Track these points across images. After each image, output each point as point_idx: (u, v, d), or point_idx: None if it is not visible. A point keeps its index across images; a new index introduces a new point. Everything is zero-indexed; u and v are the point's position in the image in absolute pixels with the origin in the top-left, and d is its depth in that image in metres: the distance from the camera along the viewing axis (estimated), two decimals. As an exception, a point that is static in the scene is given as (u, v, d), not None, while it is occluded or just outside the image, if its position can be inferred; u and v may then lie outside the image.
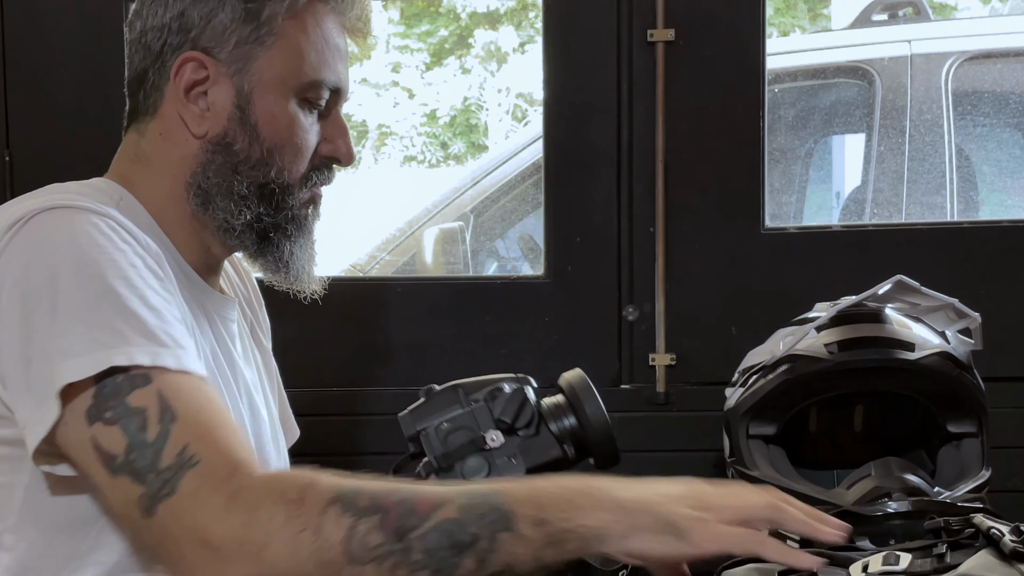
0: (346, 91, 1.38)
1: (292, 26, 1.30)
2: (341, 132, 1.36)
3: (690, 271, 1.95)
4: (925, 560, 1.21)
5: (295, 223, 1.35)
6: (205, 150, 1.32)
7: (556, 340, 1.98)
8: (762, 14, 1.93)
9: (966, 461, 1.58)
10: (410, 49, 5.18)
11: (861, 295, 1.57)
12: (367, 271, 3.09)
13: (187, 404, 1.11)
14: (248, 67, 1.30)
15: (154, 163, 1.34)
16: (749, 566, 1.32)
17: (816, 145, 3.26)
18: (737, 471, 1.62)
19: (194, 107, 1.31)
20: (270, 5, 1.30)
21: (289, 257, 1.35)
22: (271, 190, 1.32)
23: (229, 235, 1.33)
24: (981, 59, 3.06)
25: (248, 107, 1.30)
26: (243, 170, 1.31)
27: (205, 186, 1.32)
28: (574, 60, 1.96)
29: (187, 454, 1.08)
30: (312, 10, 1.32)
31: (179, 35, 1.31)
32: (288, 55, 1.30)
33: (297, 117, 1.32)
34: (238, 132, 1.31)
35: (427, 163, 5.20)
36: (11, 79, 1.96)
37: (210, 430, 1.10)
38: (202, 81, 1.30)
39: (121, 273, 1.16)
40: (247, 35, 1.29)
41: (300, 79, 1.31)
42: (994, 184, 3.21)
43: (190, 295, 1.34)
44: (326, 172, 1.37)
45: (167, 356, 1.13)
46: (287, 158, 1.32)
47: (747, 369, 1.67)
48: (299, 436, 1.61)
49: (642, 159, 1.94)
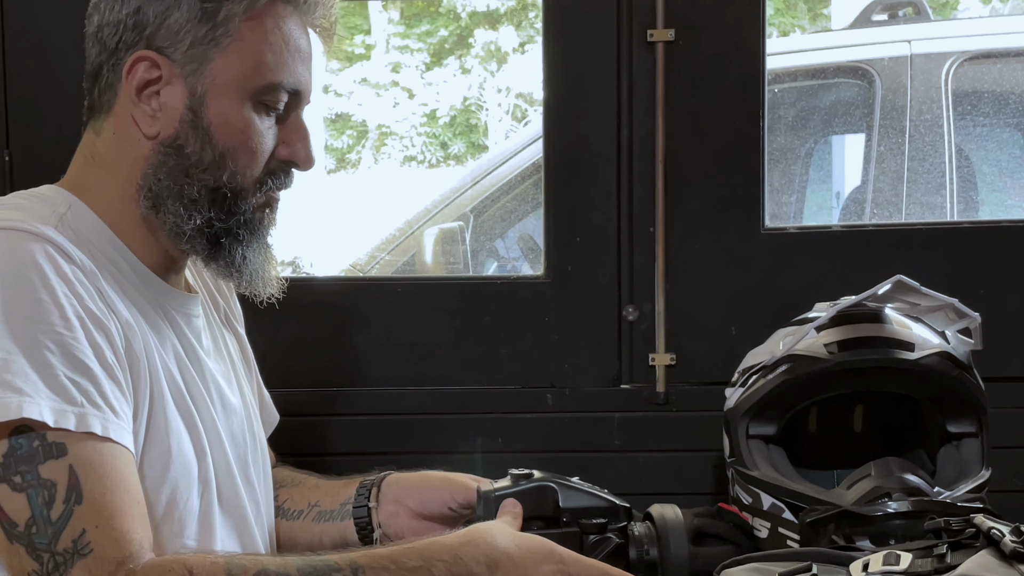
0: (307, 93, 1.35)
1: (250, 27, 1.28)
2: (301, 136, 1.33)
3: (690, 271, 1.95)
4: (925, 560, 1.20)
5: (247, 228, 1.32)
6: (157, 152, 1.29)
7: (556, 340, 1.98)
8: (762, 14, 1.93)
9: (966, 461, 1.58)
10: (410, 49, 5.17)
11: (861, 295, 1.57)
12: (367, 271, 3.09)
13: (95, 485, 1.12)
14: (202, 68, 1.27)
15: (108, 164, 1.33)
16: (749, 566, 1.32)
17: (816, 145, 3.26)
18: (737, 471, 1.63)
19: (146, 107, 1.29)
20: (227, 6, 1.27)
21: (241, 261, 1.33)
22: (223, 194, 1.30)
23: (179, 239, 1.31)
24: (981, 59, 3.06)
25: (201, 109, 1.28)
26: (194, 173, 1.29)
27: (156, 189, 1.29)
28: (574, 60, 1.96)
29: (83, 541, 1.10)
30: (272, 11, 1.29)
31: (134, 32, 1.28)
32: (244, 57, 1.28)
33: (252, 120, 1.29)
34: (190, 135, 1.28)
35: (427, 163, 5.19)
36: (11, 79, 1.96)
37: (109, 518, 1.12)
38: (155, 81, 1.28)
39: (50, 327, 1.15)
40: (202, 36, 1.27)
41: (256, 82, 1.28)
42: (994, 184, 3.21)
43: (148, 296, 1.32)
44: (283, 176, 1.34)
45: (93, 421, 1.13)
46: (240, 162, 1.29)
47: (747, 369, 1.67)
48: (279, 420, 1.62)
49: (642, 159, 1.94)
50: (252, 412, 1.49)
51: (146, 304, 1.31)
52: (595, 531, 1.31)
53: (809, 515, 1.50)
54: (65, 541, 1.10)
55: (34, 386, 1.12)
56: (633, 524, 1.37)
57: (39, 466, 1.11)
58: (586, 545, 1.30)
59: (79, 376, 1.15)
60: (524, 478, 1.33)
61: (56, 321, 1.15)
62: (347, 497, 1.54)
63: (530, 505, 1.31)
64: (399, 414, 1.97)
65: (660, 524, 1.37)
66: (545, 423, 1.97)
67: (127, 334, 1.24)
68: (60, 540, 1.10)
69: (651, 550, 1.36)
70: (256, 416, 1.51)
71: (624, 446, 1.96)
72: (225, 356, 1.46)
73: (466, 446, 1.95)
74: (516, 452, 1.93)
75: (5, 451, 1.11)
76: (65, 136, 1.96)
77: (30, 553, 1.10)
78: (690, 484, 1.93)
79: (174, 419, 1.28)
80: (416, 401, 1.98)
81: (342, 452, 1.75)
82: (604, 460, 1.94)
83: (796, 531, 1.52)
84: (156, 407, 1.26)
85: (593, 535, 1.31)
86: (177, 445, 1.27)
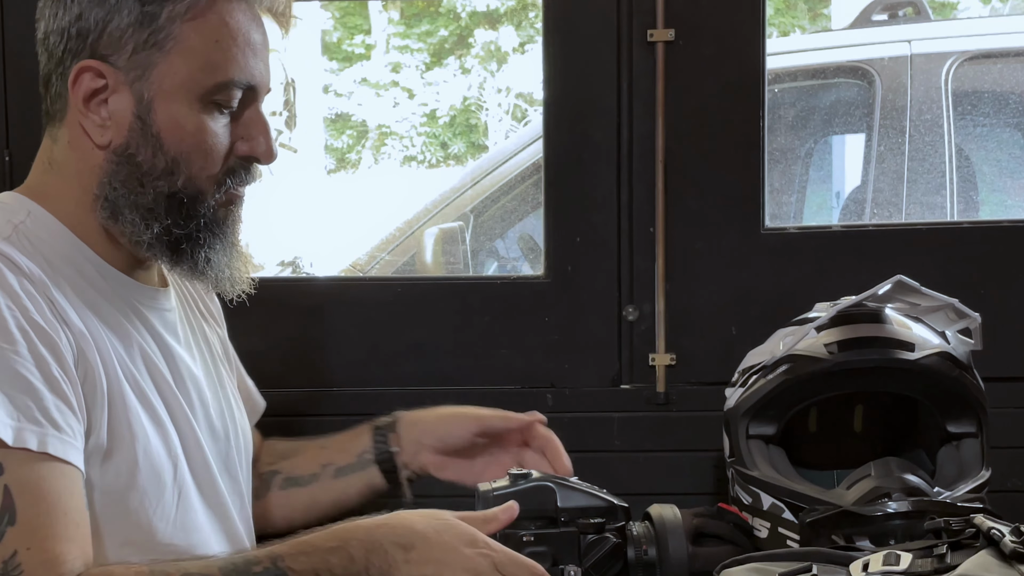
0: (264, 85, 1.31)
1: (193, 27, 1.25)
2: (261, 129, 1.30)
3: (690, 271, 1.95)
4: (926, 560, 1.20)
5: (208, 230, 1.30)
6: (109, 161, 1.27)
7: (556, 340, 1.98)
8: (762, 14, 1.93)
9: (966, 461, 1.58)
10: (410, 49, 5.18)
11: (861, 295, 1.57)
12: (367, 271, 3.09)
13: (29, 505, 1.11)
14: (147, 74, 1.24)
15: (64, 172, 1.30)
16: (749, 566, 1.32)
17: (816, 145, 3.26)
18: (737, 471, 1.63)
19: (95, 116, 1.26)
20: (168, 7, 1.24)
21: (205, 264, 1.31)
22: (179, 200, 1.27)
23: (139, 248, 1.29)
24: (981, 59, 3.06)
25: (149, 116, 1.25)
26: (148, 181, 1.26)
27: (112, 198, 1.27)
28: (574, 60, 1.96)
29: (14, 563, 1.10)
30: (215, 7, 1.25)
31: (77, 40, 1.25)
32: (189, 59, 1.25)
33: (204, 122, 1.26)
34: (140, 143, 1.26)
35: (427, 163, 5.20)
36: (11, 79, 1.96)
37: (43, 540, 1.11)
38: (101, 90, 1.25)
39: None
40: (144, 40, 1.24)
41: (205, 83, 1.25)
42: (994, 184, 3.22)
43: (112, 297, 1.30)
44: (243, 173, 1.32)
45: (30, 436, 1.12)
46: (195, 166, 1.27)
47: (747, 369, 1.67)
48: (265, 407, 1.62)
49: (642, 159, 1.94)
50: (235, 404, 1.47)
51: (110, 307, 1.29)
52: (592, 531, 1.31)
53: (809, 515, 1.50)
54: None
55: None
56: (632, 524, 1.37)
57: None
58: (583, 545, 1.31)
59: (17, 391, 1.13)
60: (522, 478, 1.33)
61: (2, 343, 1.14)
62: (363, 447, 1.56)
63: (529, 505, 1.31)
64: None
65: (659, 524, 1.37)
66: (545, 423, 1.97)
67: (80, 344, 1.22)
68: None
69: (649, 550, 1.36)
70: (239, 407, 1.48)
71: (624, 446, 1.96)
72: (204, 349, 1.44)
73: (466, 446, 1.95)
74: (516, 452, 1.93)
75: None
76: (65, 136, 1.97)
77: None
78: (690, 484, 1.92)
79: (140, 427, 1.26)
80: (416, 401, 1.97)
81: (342, 452, 1.75)
82: (604, 460, 1.94)
83: (796, 531, 1.52)
84: (117, 416, 1.24)
85: (590, 535, 1.31)
86: (144, 452, 1.26)
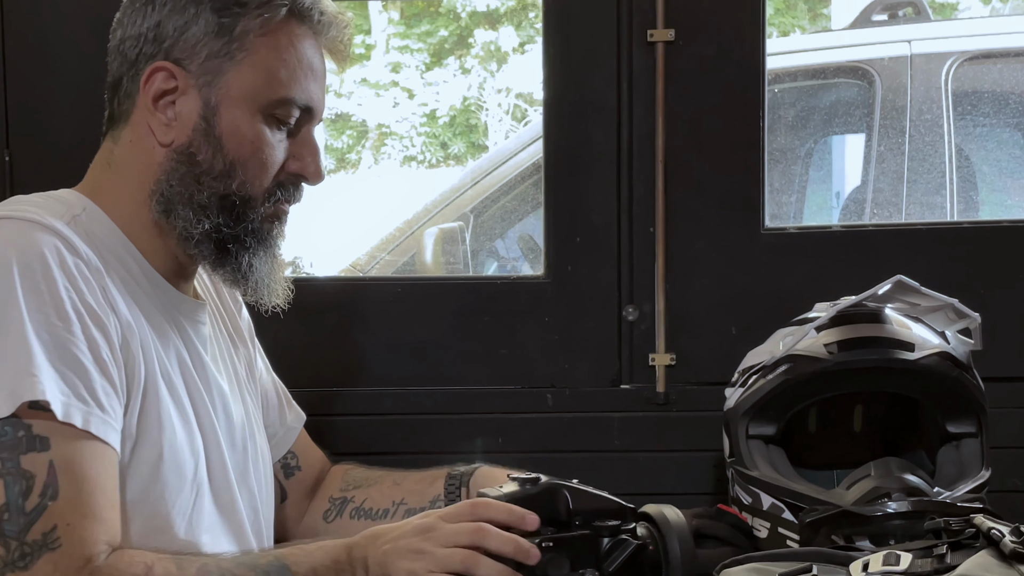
0: (319, 111, 1.39)
1: (264, 43, 1.32)
2: (311, 151, 1.38)
3: (690, 271, 1.95)
4: (925, 560, 1.20)
5: (255, 236, 1.36)
6: (170, 159, 1.34)
7: (556, 340, 1.98)
8: (762, 14, 1.93)
9: (966, 461, 1.58)
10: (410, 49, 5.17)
11: (861, 295, 1.57)
12: (367, 271, 3.09)
13: (72, 484, 1.16)
14: (217, 80, 1.32)
15: (123, 170, 1.37)
16: (749, 566, 1.32)
17: (816, 145, 3.26)
18: (737, 471, 1.63)
19: (161, 116, 1.33)
20: (244, 21, 1.31)
21: (248, 269, 1.37)
22: (232, 202, 1.34)
23: (188, 244, 1.35)
24: (981, 59, 3.06)
25: (214, 119, 1.32)
26: (205, 181, 1.33)
27: (168, 194, 1.34)
28: (574, 60, 1.96)
29: (52, 536, 1.14)
30: (287, 29, 1.34)
31: (153, 45, 1.32)
32: (258, 71, 1.32)
33: (263, 132, 1.34)
34: (202, 143, 1.33)
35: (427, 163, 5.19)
36: (11, 79, 1.96)
37: (82, 518, 1.16)
38: (171, 91, 1.33)
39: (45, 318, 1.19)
40: (218, 49, 1.31)
41: (268, 95, 1.33)
42: (994, 184, 3.21)
43: (155, 300, 1.36)
44: (292, 189, 1.39)
45: (76, 413, 1.17)
46: (250, 172, 1.34)
47: (747, 369, 1.67)
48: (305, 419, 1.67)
49: (642, 159, 1.94)
50: (255, 424, 1.52)
51: (153, 308, 1.35)
52: (609, 534, 1.29)
53: (809, 515, 1.50)
54: (35, 533, 1.14)
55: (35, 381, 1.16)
56: (635, 526, 1.36)
57: (21, 456, 1.15)
58: (603, 548, 1.29)
59: (68, 368, 1.18)
60: (531, 482, 1.31)
61: (53, 313, 1.19)
62: (436, 494, 1.59)
63: (541, 509, 1.28)
64: (399, 414, 1.97)
65: (663, 524, 1.36)
66: (545, 423, 1.97)
67: (125, 333, 1.27)
68: (31, 531, 1.14)
69: (657, 551, 1.35)
70: (259, 426, 1.54)
71: (624, 446, 1.96)
72: (230, 367, 1.49)
73: (466, 446, 1.95)
74: (516, 452, 1.93)
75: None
76: (65, 136, 1.97)
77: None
78: (690, 484, 1.92)
79: (168, 420, 1.31)
80: (416, 401, 1.97)
81: (342, 452, 1.74)
82: (604, 460, 1.94)
83: (796, 531, 1.52)
84: (150, 407, 1.29)
85: (607, 537, 1.29)
86: (170, 446, 1.30)
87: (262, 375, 1.63)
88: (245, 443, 1.46)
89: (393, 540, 1.24)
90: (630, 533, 1.30)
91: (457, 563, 1.21)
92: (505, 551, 1.22)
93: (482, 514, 1.25)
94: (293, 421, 1.66)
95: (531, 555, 1.22)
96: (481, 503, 1.26)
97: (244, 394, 1.51)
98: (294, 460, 1.65)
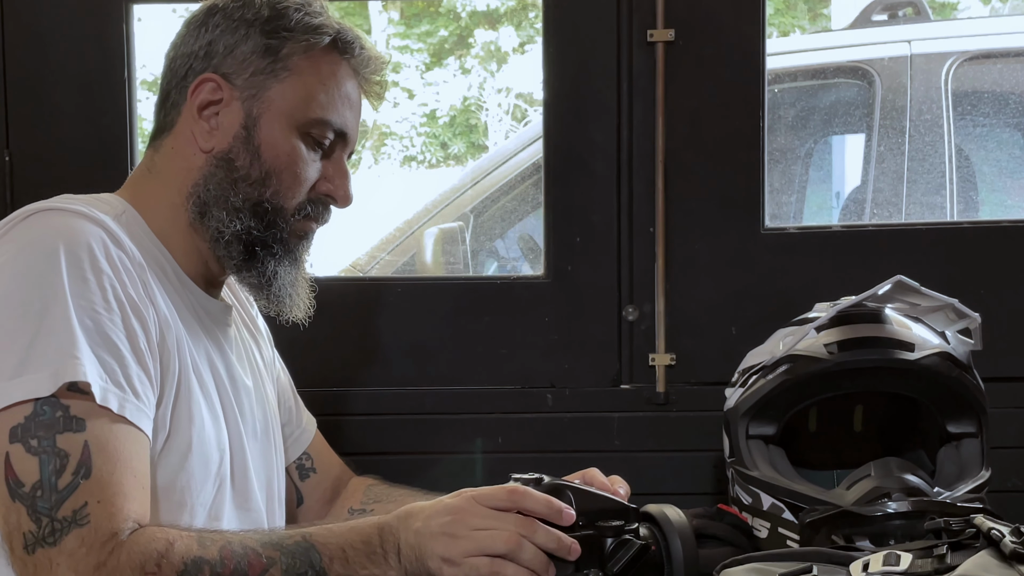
0: (353, 140, 1.47)
1: (307, 66, 1.41)
2: (342, 175, 1.45)
3: (690, 271, 1.95)
4: (926, 560, 1.20)
5: (283, 245, 1.43)
6: (209, 164, 1.40)
7: (556, 340, 1.98)
8: (762, 14, 1.93)
9: (966, 461, 1.58)
10: (410, 49, 5.17)
11: (861, 295, 1.57)
12: (367, 271, 3.09)
13: (104, 464, 1.20)
14: (260, 95, 1.40)
15: (162, 175, 1.43)
16: (749, 566, 1.32)
17: (816, 145, 3.26)
18: (737, 471, 1.63)
19: (205, 124, 1.40)
20: (290, 44, 1.40)
21: (272, 275, 1.43)
22: (264, 208, 1.40)
23: (218, 244, 1.41)
24: (981, 59, 3.06)
25: (254, 129, 1.39)
26: (241, 186, 1.40)
27: (204, 196, 1.40)
28: (574, 60, 1.96)
29: (83, 513, 1.18)
30: (329, 57, 1.42)
31: (204, 61, 1.41)
32: (299, 91, 1.40)
33: (299, 148, 1.41)
34: (242, 150, 1.40)
35: (427, 163, 5.20)
36: (11, 79, 1.96)
37: (112, 496, 1.19)
38: (216, 102, 1.40)
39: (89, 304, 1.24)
40: (264, 67, 1.40)
41: (307, 115, 1.40)
42: (994, 184, 3.21)
43: (187, 301, 1.42)
44: (321, 208, 1.45)
45: (112, 398, 1.22)
46: (284, 183, 1.41)
47: (747, 369, 1.67)
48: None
49: (642, 159, 1.94)
50: (275, 424, 1.57)
51: (185, 308, 1.40)
52: (612, 534, 1.28)
53: (809, 515, 1.50)
54: (66, 510, 1.17)
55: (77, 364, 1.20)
56: (638, 526, 1.36)
57: (56, 435, 1.19)
58: (607, 548, 1.28)
59: (107, 355, 1.23)
60: (534, 482, 1.30)
61: (97, 301, 1.24)
62: None
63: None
64: (399, 414, 1.97)
65: (666, 524, 1.36)
66: (545, 423, 1.97)
67: (162, 327, 1.32)
68: (62, 508, 1.17)
69: (660, 551, 1.34)
70: (278, 429, 1.58)
71: (624, 446, 1.96)
72: (254, 368, 1.55)
73: (466, 446, 1.95)
74: (516, 452, 1.93)
75: (28, 414, 1.19)
76: (65, 136, 1.98)
77: (30, 514, 1.17)
78: (690, 484, 1.93)
79: (198, 414, 1.35)
80: (416, 401, 1.98)
81: (342, 452, 1.75)
82: (604, 460, 1.92)
83: (796, 531, 1.52)
84: (182, 400, 1.34)
85: (611, 538, 1.28)
86: (198, 438, 1.35)
87: (279, 377, 1.67)
88: (266, 442, 1.51)
89: (425, 519, 1.24)
90: (633, 533, 1.30)
91: (500, 544, 1.20)
92: (549, 547, 1.22)
93: (520, 502, 1.24)
94: (308, 423, 1.70)
95: (572, 551, 1.22)
96: (520, 491, 1.25)
97: (266, 396, 1.56)
98: (309, 462, 1.68)
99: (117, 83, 1.97)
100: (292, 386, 1.70)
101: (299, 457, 1.67)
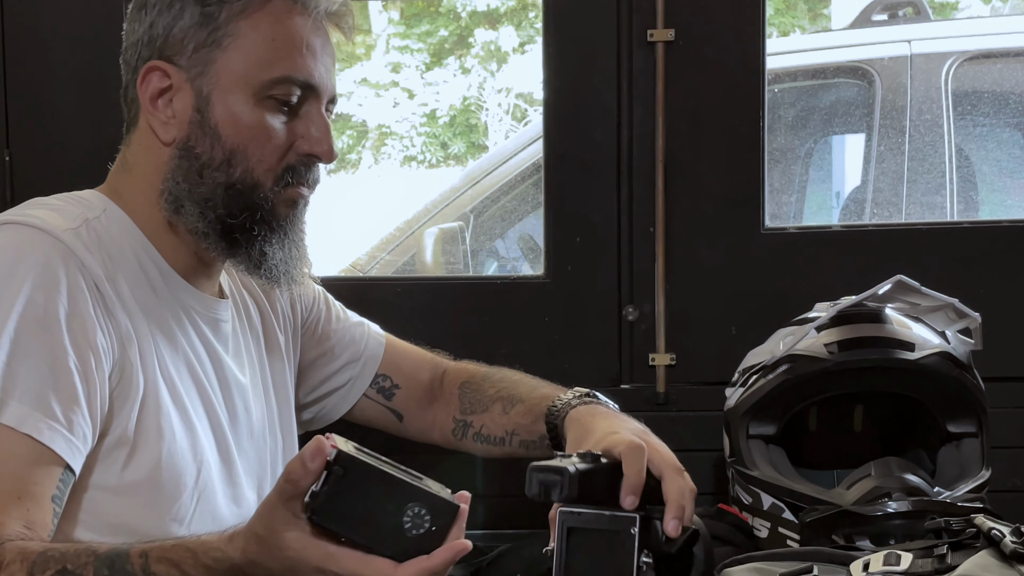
0: (324, 88, 1.36)
1: (250, 25, 1.31)
2: (320, 128, 1.35)
3: (690, 271, 1.95)
4: (926, 560, 1.20)
5: (264, 223, 1.35)
6: (173, 156, 1.34)
7: (556, 340, 1.98)
8: (762, 14, 1.93)
9: (966, 461, 1.58)
10: (410, 49, 5.17)
11: (861, 295, 1.57)
12: (367, 271, 3.09)
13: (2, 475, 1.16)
14: (208, 70, 1.32)
15: (136, 172, 1.38)
16: (749, 566, 1.32)
17: (816, 145, 3.26)
18: (737, 471, 1.62)
19: (160, 115, 1.34)
20: (227, 7, 1.31)
21: (260, 257, 1.36)
22: (236, 191, 1.33)
23: (199, 238, 1.35)
24: (981, 59, 3.06)
25: (207, 109, 1.32)
26: (207, 173, 1.33)
27: (175, 192, 1.34)
28: (574, 60, 1.96)
29: None
30: (271, 8, 1.32)
31: (148, 48, 1.34)
32: (246, 55, 1.31)
33: (260, 116, 1.32)
34: (199, 135, 1.32)
35: (427, 163, 5.19)
36: (11, 79, 1.96)
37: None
38: (167, 89, 1.33)
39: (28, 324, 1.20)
40: (204, 39, 1.31)
41: (260, 77, 1.31)
42: (994, 184, 3.21)
43: (168, 300, 1.36)
44: (304, 171, 1.36)
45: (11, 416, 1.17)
46: (252, 158, 1.33)
47: (747, 369, 1.67)
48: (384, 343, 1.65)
49: (642, 159, 1.94)
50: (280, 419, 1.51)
51: (164, 310, 1.35)
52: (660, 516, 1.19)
53: (809, 515, 1.50)
54: None
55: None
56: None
57: None
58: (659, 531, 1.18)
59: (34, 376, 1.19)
60: (594, 458, 1.19)
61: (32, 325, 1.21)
62: (542, 433, 1.52)
63: (605, 488, 1.18)
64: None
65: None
66: (545, 423, 1.96)
67: (123, 342, 1.28)
68: None
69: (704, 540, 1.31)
70: (290, 417, 1.53)
71: (624, 446, 1.95)
72: (255, 363, 1.49)
73: (466, 446, 1.95)
74: (516, 452, 1.93)
75: None
76: (65, 136, 1.97)
77: None
78: (690, 484, 1.92)
79: (168, 428, 1.30)
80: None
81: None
82: (604, 460, 1.93)
83: (796, 531, 1.52)
84: (148, 415, 1.29)
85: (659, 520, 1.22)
86: (168, 452, 1.30)
87: (342, 321, 1.62)
88: (264, 440, 1.47)
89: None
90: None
91: None
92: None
93: None
94: (370, 348, 1.63)
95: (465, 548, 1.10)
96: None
97: (268, 390, 1.51)
98: (387, 381, 1.63)
99: (117, 82, 1.96)
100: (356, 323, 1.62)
101: (374, 381, 1.61)
